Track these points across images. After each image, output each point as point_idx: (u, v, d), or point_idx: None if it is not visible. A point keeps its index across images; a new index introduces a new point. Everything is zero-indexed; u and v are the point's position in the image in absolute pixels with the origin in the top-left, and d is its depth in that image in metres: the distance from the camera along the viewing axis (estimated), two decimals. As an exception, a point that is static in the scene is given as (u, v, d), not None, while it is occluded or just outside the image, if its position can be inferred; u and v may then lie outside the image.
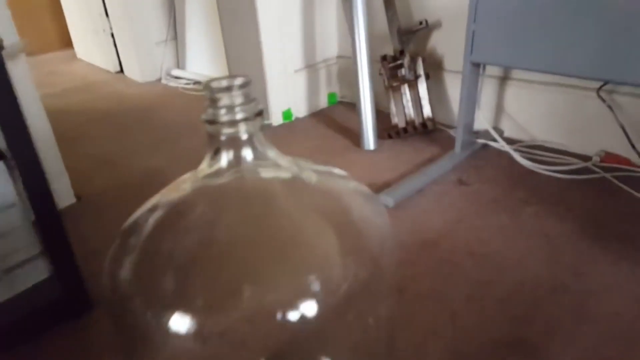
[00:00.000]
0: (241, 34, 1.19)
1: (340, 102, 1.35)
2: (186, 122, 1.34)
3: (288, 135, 1.18)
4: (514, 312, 0.57)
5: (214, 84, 0.30)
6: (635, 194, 0.77)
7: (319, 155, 1.04)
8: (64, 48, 2.44)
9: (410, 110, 1.03)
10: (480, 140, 0.96)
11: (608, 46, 0.68)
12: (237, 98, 0.29)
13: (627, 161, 0.84)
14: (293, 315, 0.28)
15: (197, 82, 1.67)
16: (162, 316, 0.29)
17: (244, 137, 0.30)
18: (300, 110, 1.28)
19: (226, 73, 1.60)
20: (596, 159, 0.86)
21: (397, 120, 1.05)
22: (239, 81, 0.29)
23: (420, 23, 1.02)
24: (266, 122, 1.24)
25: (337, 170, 0.37)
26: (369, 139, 1.03)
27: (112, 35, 1.86)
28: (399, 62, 1.02)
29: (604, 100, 0.83)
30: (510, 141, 0.96)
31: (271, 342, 0.33)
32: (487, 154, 0.95)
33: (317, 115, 1.27)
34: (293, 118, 1.27)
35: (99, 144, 1.21)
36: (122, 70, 1.91)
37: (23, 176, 0.55)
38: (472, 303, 0.59)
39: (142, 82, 1.78)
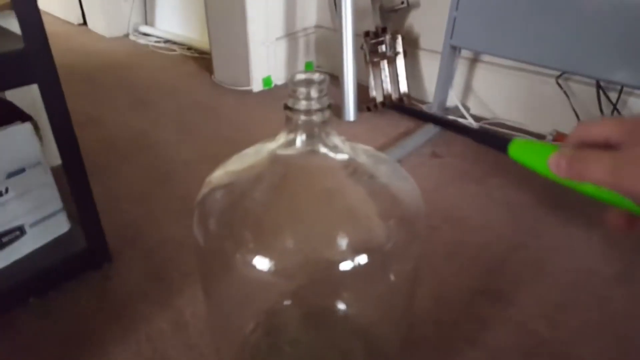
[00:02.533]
0: (225, -2, 1.21)
1: (317, 72, 1.40)
2: (163, 83, 1.34)
3: (268, 102, 1.22)
4: (485, 267, 0.69)
5: (297, 78, 0.36)
6: (581, 170, 0.91)
7: (302, 124, 1.10)
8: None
9: (388, 85, 1.11)
10: (451, 117, 1.07)
11: (570, 42, 0.79)
12: (315, 92, 0.36)
13: (575, 141, 0.98)
14: (341, 266, 0.36)
15: (168, 41, 1.65)
16: (247, 257, 0.37)
17: (317, 123, 0.37)
18: (279, 77, 1.33)
19: (199, 33, 1.59)
20: (549, 137, 0.99)
21: (375, 94, 1.13)
22: (318, 78, 0.36)
23: (402, 2, 1.09)
24: (246, 88, 1.28)
25: (374, 151, 0.45)
26: (350, 110, 1.10)
27: (75, -16, 1.78)
28: (380, 39, 1.09)
29: (561, 87, 0.95)
30: (476, 118, 1.07)
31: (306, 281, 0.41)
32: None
33: (295, 83, 1.32)
34: (272, 85, 1.31)
35: (76, 102, 1.20)
36: (85, 23, 1.84)
37: (56, 135, 0.58)
38: (450, 259, 0.70)
39: (109, 37, 1.73)
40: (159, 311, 0.62)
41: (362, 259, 0.36)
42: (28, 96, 0.76)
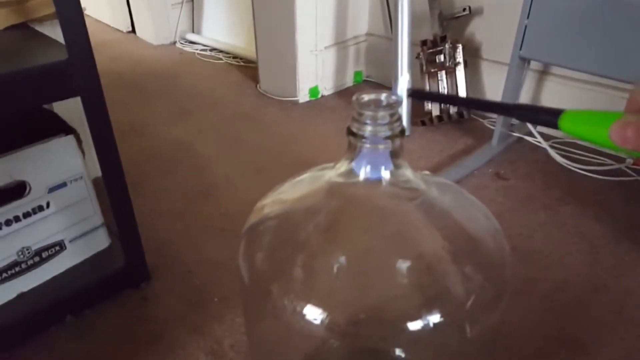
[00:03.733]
0: (275, 6, 1.17)
1: (366, 81, 1.34)
2: (208, 92, 1.32)
3: (315, 114, 1.17)
4: (559, 310, 0.60)
5: (364, 99, 0.30)
6: (667, 198, 0.80)
7: (351, 137, 1.04)
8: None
9: (445, 98, 1.04)
10: (516, 134, 0.98)
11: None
12: (385, 117, 0.30)
13: (658, 165, 0.87)
14: (413, 326, 0.30)
15: (214, 49, 1.64)
16: (296, 305, 0.31)
17: (385, 152, 0.31)
18: (326, 87, 1.27)
19: (246, 41, 1.57)
20: (629, 161, 0.88)
21: (431, 107, 1.05)
22: (390, 100, 0.30)
23: (464, 10, 1.01)
24: (292, 99, 1.24)
25: (452, 184, 0.38)
26: (403, 125, 1.03)
27: (126, -8, 1.80)
28: (439, 48, 1.01)
29: (645, 105, 0.85)
30: (544, 136, 0.98)
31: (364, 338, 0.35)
32: (522, 148, 0.97)
33: (343, 94, 1.27)
34: (319, 96, 1.26)
35: (122, 110, 1.20)
36: (134, 31, 1.86)
37: (97, 148, 0.55)
38: (519, 298, 0.62)
39: (156, 44, 1.74)
40: (196, 339, 0.57)
41: (435, 318, 0.30)
42: (73, 106, 0.74)
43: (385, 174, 0.32)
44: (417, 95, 0.32)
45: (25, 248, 0.59)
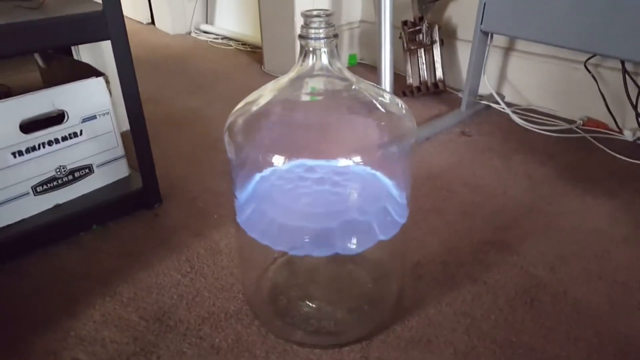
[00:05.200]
0: (277, -7, 1.32)
1: (360, 64, 1.48)
2: (218, 71, 1.47)
3: (312, 88, 1.31)
4: (497, 224, 0.73)
5: (308, 12, 0.44)
6: (608, 150, 0.92)
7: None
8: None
9: (424, 72, 1.17)
10: (483, 102, 1.11)
11: (598, 24, 0.82)
12: (323, 23, 0.44)
13: (605, 125, 0.99)
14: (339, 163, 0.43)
15: (225, 37, 1.80)
16: (267, 157, 0.45)
17: (324, 49, 0.45)
18: (323, 68, 1.41)
19: (253, 30, 1.72)
20: (579, 122, 1.01)
21: (412, 80, 1.19)
22: (325, 12, 0.44)
23: (440, -6, 1.15)
24: (292, 76, 1.38)
25: (375, 85, 0.52)
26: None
27: (146, -12, 1.97)
28: (417, 27, 1.15)
29: (589, 71, 0.97)
30: (509, 105, 1.11)
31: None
32: (489, 113, 1.10)
33: (338, 74, 1.41)
34: (317, 74, 1.40)
35: (140, 85, 1.34)
36: (153, 23, 2.03)
37: (124, 90, 0.69)
38: (464, 216, 0.75)
39: (173, 34, 1.90)
40: (198, 241, 0.71)
41: (357, 159, 0.43)
42: (100, 62, 0.90)
43: (326, 63, 0.46)
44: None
45: (62, 166, 0.73)
